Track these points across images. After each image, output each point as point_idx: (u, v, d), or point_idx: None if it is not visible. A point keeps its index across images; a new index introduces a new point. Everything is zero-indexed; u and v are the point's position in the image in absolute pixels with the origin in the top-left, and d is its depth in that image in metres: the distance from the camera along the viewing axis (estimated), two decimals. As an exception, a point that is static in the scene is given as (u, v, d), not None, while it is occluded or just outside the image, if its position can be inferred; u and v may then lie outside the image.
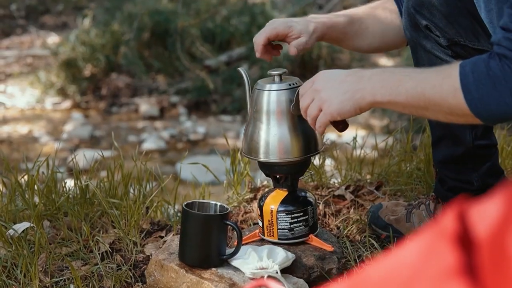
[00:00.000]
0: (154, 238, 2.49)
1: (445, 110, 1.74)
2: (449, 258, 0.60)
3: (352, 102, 1.86)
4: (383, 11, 2.33)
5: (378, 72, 1.86)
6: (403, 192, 2.67)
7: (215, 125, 8.15)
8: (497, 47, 1.66)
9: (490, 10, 1.91)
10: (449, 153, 2.30)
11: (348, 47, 2.38)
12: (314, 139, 2.16)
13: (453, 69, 1.71)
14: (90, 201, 2.54)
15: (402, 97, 1.77)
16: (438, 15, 2.12)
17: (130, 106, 8.48)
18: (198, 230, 2.05)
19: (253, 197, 2.70)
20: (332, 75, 1.93)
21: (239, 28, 8.75)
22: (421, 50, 2.21)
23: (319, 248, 2.18)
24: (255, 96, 2.16)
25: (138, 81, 8.71)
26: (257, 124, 2.15)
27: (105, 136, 7.66)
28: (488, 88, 1.65)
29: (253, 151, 2.16)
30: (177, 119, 8.28)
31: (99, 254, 2.32)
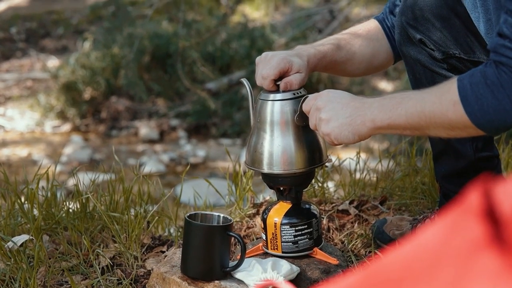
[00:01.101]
0: (155, 253, 2.45)
1: (446, 126, 1.72)
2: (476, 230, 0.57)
3: (352, 128, 1.85)
4: (368, 33, 2.31)
5: (379, 98, 1.86)
6: (408, 207, 2.63)
7: (215, 148, 8.13)
8: (493, 54, 1.64)
9: (489, 20, 1.89)
10: (451, 167, 2.27)
11: (337, 74, 2.38)
12: (318, 150, 2.13)
13: (451, 83, 1.70)
14: (90, 215, 2.50)
15: (402, 118, 1.76)
16: (432, 28, 2.11)
17: (129, 129, 8.46)
18: (201, 241, 2.01)
19: (255, 212, 2.66)
20: (336, 96, 1.91)
21: (239, 52, 8.76)
22: (416, 65, 2.20)
23: (324, 261, 2.14)
24: (258, 106, 2.13)
25: (138, 105, 8.70)
26: (260, 134, 2.12)
27: (105, 159, 7.63)
28: (487, 97, 1.63)
29: (257, 162, 2.13)
30: (177, 143, 8.27)
31: (99, 268, 2.28)
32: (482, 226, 0.57)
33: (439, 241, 0.61)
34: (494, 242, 0.56)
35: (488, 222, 0.59)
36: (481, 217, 0.59)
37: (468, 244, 0.56)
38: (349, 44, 2.26)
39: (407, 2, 2.15)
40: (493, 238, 0.56)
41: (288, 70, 2.08)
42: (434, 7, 2.10)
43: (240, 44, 8.80)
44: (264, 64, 2.10)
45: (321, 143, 2.14)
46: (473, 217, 0.59)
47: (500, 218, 0.60)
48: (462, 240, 0.57)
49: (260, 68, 2.11)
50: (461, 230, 0.59)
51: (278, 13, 10.05)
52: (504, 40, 1.62)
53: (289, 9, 9.99)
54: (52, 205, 2.50)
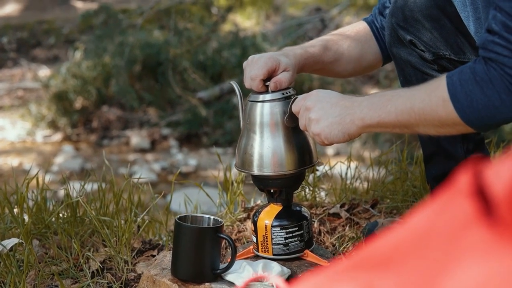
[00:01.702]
0: (145, 257, 2.44)
1: (435, 123, 1.72)
2: (466, 207, 0.57)
3: (341, 127, 1.84)
4: (356, 34, 2.31)
5: (368, 97, 1.86)
6: (399, 210, 2.63)
7: (207, 157, 8.12)
8: (482, 51, 1.64)
9: (478, 19, 1.90)
10: (442, 169, 2.27)
11: (325, 74, 2.38)
12: (308, 151, 2.12)
13: (440, 80, 1.70)
14: (80, 220, 2.49)
15: (392, 116, 1.76)
16: (422, 29, 2.11)
17: (121, 138, 8.45)
18: (191, 243, 2.00)
19: (246, 217, 2.65)
20: (325, 96, 1.91)
21: (230, 61, 8.76)
22: (406, 66, 2.20)
23: (315, 264, 2.14)
24: (248, 108, 2.13)
25: (129, 114, 8.69)
26: (250, 136, 2.11)
27: (96, 169, 7.61)
28: (477, 94, 1.63)
29: (247, 164, 2.12)
30: (168, 152, 8.25)
31: (89, 272, 2.26)
32: (472, 204, 0.57)
33: (428, 221, 0.61)
34: (484, 217, 0.55)
35: (478, 200, 0.58)
36: (471, 196, 0.59)
37: (457, 220, 0.56)
38: (337, 45, 2.26)
39: (397, 4, 2.16)
40: (483, 214, 0.56)
41: (276, 69, 2.07)
42: (424, 8, 2.10)
43: (231, 53, 8.80)
44: (252, 66, 2.09)
45: (311, 145, 2.13)
46: (463, 197, 0.59)
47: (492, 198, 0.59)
48: (451, 217, 0.57)
49: (248, 70, 2.10)
50: (450, 208, 0.59)
51: (269, 22, 10.07)
52: (493, 36, 1.61)
53: (280, 18, 10.01)
54: (42, 209, 2.48)
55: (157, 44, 8.49)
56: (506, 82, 1.59)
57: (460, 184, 0.62)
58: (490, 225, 0.55)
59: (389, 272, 0.57)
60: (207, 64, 8.66)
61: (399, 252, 0.60)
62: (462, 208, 0.58)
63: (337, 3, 9.68)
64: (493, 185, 0.61)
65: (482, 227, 0.54)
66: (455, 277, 0.51)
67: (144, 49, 8.40)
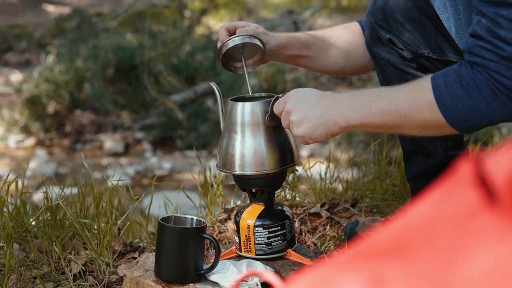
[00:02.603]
0: (127, 259, 2.43)
1: (420, 125, 1.74)
2: (471, 195, 0.57)
3: (324, 128, 1.85)
4: (346, 31, 2.33)
5: (349, 95, 1.86)
6: (380, 208, 2.64)
7: (181, 160, 8.10)
8: (468, 55, 1.66)
9: (458, 20, 1.91)
10: (422, 167, 2.29)
11: (314, 66, 2.35)
12: (290, 150, 2.13)
13: (425, 82, 1.71)
14: (60, 223, 2.47)
15: (376, 117, 1.77)
16: (401, 29, 2.12)
17: (94, 143, 8.40)
18: (174, 244, 1.99)
19: (227, 218, 2.65)
20: (304, 96, 1.91)
21: (204, 64, 8.76)
22: (386, 65, 2.21)
23: (298, 262, 2.14)
24: (229, 108, 2.13)
25: (103, 118, 8.64)
26: (231, 136, 2.12)
27: (70, 173, 7.56)
28: (462, 97, 1.65)
29: (228, 164, 2.12)
30: (142, 155, 8.22)
31: (71, 275, 2.25)
32: (476, 192, 0.58)
33: (433, 209, 0.61)
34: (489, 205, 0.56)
35: (481, 188, 0.59)
36: (475, 185, 0.60)
37: (463, 208, 0.56)
38: (325, 36, 2.28)
39: (377, 3, 2.17)
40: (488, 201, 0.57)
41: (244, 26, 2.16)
42: (403, 8, 2.11)
43: (204, 56, 8.79)
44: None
45: (292, 143, 2.14)
46: (466, 185, 0.60)
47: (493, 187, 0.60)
48: (456, 206, 0.58)
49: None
50: (455, 197, 0.59)
51: (242, 25, 10.08)
52: (479, 41, 1.64)
53: (253, 21, 10.01)
54: (22, 213, 2.46)
55: (130, 47, 8.46)
56: (492, 86, 1.62)
57: (462, 174, 0.63)
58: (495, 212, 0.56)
59: (398, 262, 0.58)
60: (180, 67, 8.65)
61: (406, 241, 0.60)
62: (466, 196, 0.59)
63: (309, 6, 9.71)
64: (494, 175, 0.61)
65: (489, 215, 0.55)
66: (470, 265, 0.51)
67: (117, 52, 8.36)
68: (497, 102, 1.63)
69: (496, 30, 1.61)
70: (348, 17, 9.79)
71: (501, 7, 1.60)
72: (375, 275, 0.60)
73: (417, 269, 0.55)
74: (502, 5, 1.61)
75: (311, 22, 9.58)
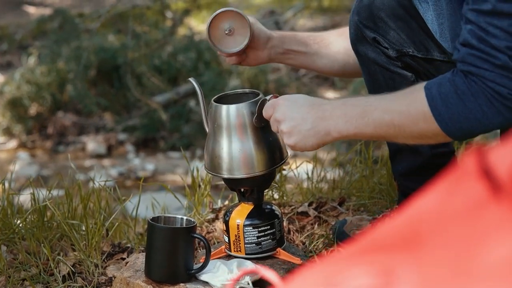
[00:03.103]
0: (115, 260, 2.42)
1: (415, 135, 1.77)
2: (478, 187, 0.58)
3: (316, 139, 1.86)
4: (346, 31, 2.33)
5: (339, 105, 1.87)
6: (367, 207, 2.65)
7: (164, 162, 8.08)
8: (462, 65, 1.69)
9: (441, 24, 1.93)
10: (409, 165, 2.30)
11: (312, 64, 2.34)
12: (279, 149, 2.13)
13: (418, 92, 1.74)
14: (48, 224, 2.46)
15: (370, 128, 1.79)
16: (386, 28, 2.13)
17: (77, 144, 8.36)
18: (164, 244, 2.00)
19: (214, 217, 2.65)
20: (293, 105, 1.91)
21: (186, 64, 8.74)
22: (371, 64, 2.22)
23: (288, 261, 2.15)
24: (213, 111, 2.11)
25: (85, 119, 8.61)
26: (217, 140, 2.10)
27: (53, 175, 7.53)
28: (458, 107, 1.68)
29: (217, 167, 2.11)
30: (125, 157, 8.19)
31: (60, 276, 2.25)
32: (483, 184, 0.59)
33: (440, 202, 0.62)
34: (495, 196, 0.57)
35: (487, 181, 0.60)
36: (480, 177, 0.61)
37: (471, 200, 0.57)
38: (324, 36, 2.30)
39: (362, 2, 2.18)
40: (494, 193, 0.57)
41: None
42: (388, 8, 2.13)
43: (186, 57, 8.77)
44: None
45: (281, 141, 2.13)
46: (472, 178, 0.61)
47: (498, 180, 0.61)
48: (464, 198, 0.58)
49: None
50: (461, 189, 0.60)
51: (223, 25, 10.07)
52: (471, 50, 1.67)
53: (235, 22, 10.01)
54: (9, 215, 2.45)
55: (111, 48, 8.43)
56: (487, 95, 1.65)
57: (466, 167, 0.63)
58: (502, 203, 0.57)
59: (408, 254, 0.58)
60: (162, 68, 8.63)
61: (415, 233, 0.61)
62: (473, 189, 0.59)
63: (291, 6, 9.73)
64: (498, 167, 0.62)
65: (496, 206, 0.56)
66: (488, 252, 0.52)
67: (99, 54, 8.33)
68: (493, 110, 1.66)
69: (488, 39, 1.64)
70: (330, 17, 9.81)
71: (492, 16, 1.64)
72: (385, 267, 0.61)
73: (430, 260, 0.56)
74: (492, 14, 1.64)
75: (293, 22, 9.60)
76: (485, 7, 1.64)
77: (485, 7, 1.64)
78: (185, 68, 8.73)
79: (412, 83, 2.15)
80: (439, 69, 2.10)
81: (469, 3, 1.69)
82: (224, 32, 2.15)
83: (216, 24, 2.14)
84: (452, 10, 1.85)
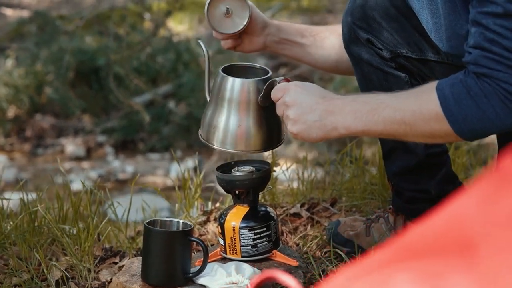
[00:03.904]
0: (108, 264, 2.40)
1: (426, 134, 1.78)
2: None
3: (321, 131, 1.85)
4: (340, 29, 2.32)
5: (349, 101, 1.86)
6: (359, 208, 2.65)
7: (144, 163, 8.04)
8: (475, 67, 1.70)
9: (436, 23, 1.92)
10: (403, 165, 2.29)
11: (308, 56, 2.31)
12: (276, 133, 2.10)
13: (429, 92, 1.75)
14: (38, 229, 2.43)
15: (379, 126, 1.79)
16: (379, 28, 2.13)
17: (55, 147, 8.30)
18: (161, 248, 1.98)
19: (206, 220, 2.63)
20: (305, 93, 1.89)
21: (165, 66, 8.70)
22: (364, 65, 2.21)
23: (284, 263, 2.14)
24: (218, 80, 2.07)
25: (63, 122, 8.54)
26: (218, 109, 2.05)
27: (32, 178, 7.46)
28: (471, 108, 1.70)
29: (210, 137, 2.07)
30: (104, 159, 8.14)
31: (53, 282, 2.22)
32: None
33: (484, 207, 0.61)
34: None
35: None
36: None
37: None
38: (319, 29, 2.28)
39: (355, 3, 2.17)
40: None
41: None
42: (381, 8, 2.12)
43: (165, 58, 8.73)
44: None
45: (281, 124, 2.10)
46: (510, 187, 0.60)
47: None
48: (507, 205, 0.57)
49: None
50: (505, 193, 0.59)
51: (202, 26, 10.02)
52: (484, 52, 1.68)
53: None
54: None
55: (90, 50, 8.37)
56: (501, 96, 1.67)
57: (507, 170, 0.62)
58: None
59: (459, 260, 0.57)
60: (141, 69, 8.58)
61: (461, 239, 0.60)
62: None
63: (270, 7, 9.71)
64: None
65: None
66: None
67: (77, 55, 8.27)
68: (506, 111, 1.68)
69: (501, 41, 1.66)
70: (309, 17, 9.80)
71: (502, 18, 1.66)
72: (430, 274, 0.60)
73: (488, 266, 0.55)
74: (502, 16, 1.65)
75: (271, 22, 9.56)
76: (495, 9, 1.65)
77: (494, 9, 1.65)
78: (164, 69, 8.70)
79: (406, 83, 2.15)
80: (433, 70, 2.11)
81: (475, 6, 1.70)
82: (222, 13, 2.11)
83: (215, 4, 2.10)
84: (450, 9, 1.85)
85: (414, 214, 2.32)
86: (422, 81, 2.13)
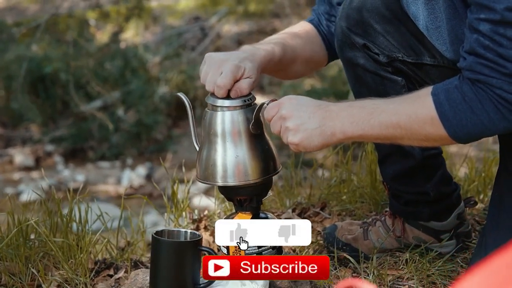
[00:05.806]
0: (102, 277, 2.35)
1: (421, 138, 1.81)
2: None
3: (321, 138, 1.86)
4: (306, 34, 2.31)
5: (345, 106, 1.87)
6: (351, 211, 2.65)
7: (94, 172, 7.94)
8: (469, 73, 1.73)
9: (438, 28, 1.93)
10: (400, 168, 2.31)
11: (280, 75, 2.33)
12: (272, 157, 2.09)
13: (425, 97, 1.78)
14: (29, 243, 2.37)
15: (376, 130, 1.81)
16: (375, 33, 2.13)
17: (3, 157, 8.14)
18: (171, 259, 1.94)
19: (196, 228, 2.60)
20: (300, 104, 1.89)
21: (113, 73, 8.60)
22: (360, 70, 2.20)
23: (289, 270, 2.11)
24: (207, 118, 2.06)
25: (11, 131, 8.39)
26: (212, 147, 2.05)
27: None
28: (466, 113, 1.73)
29: (210, 176, 2.06)
30: (54, 168, 8.01)
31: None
32: None
33: None
34: None
35: None
36: None
37: None
38: (292, 46, 2.25)
39: (350, 7, 2.15)
40: None
41: (240, 77, 2.04)
42: (375, 12, 2.12)
43: (113, 65, 8.64)
44: (216, 70, 2.01)
45: (274, 151, 2.11)
46: None
47: None
48: None
49: (211, 74, 2.02)
50: None
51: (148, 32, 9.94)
52: (479, 58, 1.71)
53: (160, 28, 9.91)
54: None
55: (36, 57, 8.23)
56: (494, 101, 1.71)
57: None
58: None
59: None
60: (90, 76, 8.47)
61: None
62: None
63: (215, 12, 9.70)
64: None
65: None
66: None
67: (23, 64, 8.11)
68: (499, 116, 1.71)
69: (496, 48, 1.68)
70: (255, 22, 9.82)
71: (499, 26, 1.68)
72: None
73: None
74: (499, 24, 1.68)
75: (218, 28, 9.56)
76: (493, 16, 1.67)
77: (492, 16, 1.67)
78: (112, 76, 8.60)
79: (402, 87, 2.16)
80: (429, 73, 2.12)
81: (473, 12, 1.71)
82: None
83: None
84: (451, 15, 1.87)
85: (413, 216, 2.34)
86: (418, 85, 2.15)
